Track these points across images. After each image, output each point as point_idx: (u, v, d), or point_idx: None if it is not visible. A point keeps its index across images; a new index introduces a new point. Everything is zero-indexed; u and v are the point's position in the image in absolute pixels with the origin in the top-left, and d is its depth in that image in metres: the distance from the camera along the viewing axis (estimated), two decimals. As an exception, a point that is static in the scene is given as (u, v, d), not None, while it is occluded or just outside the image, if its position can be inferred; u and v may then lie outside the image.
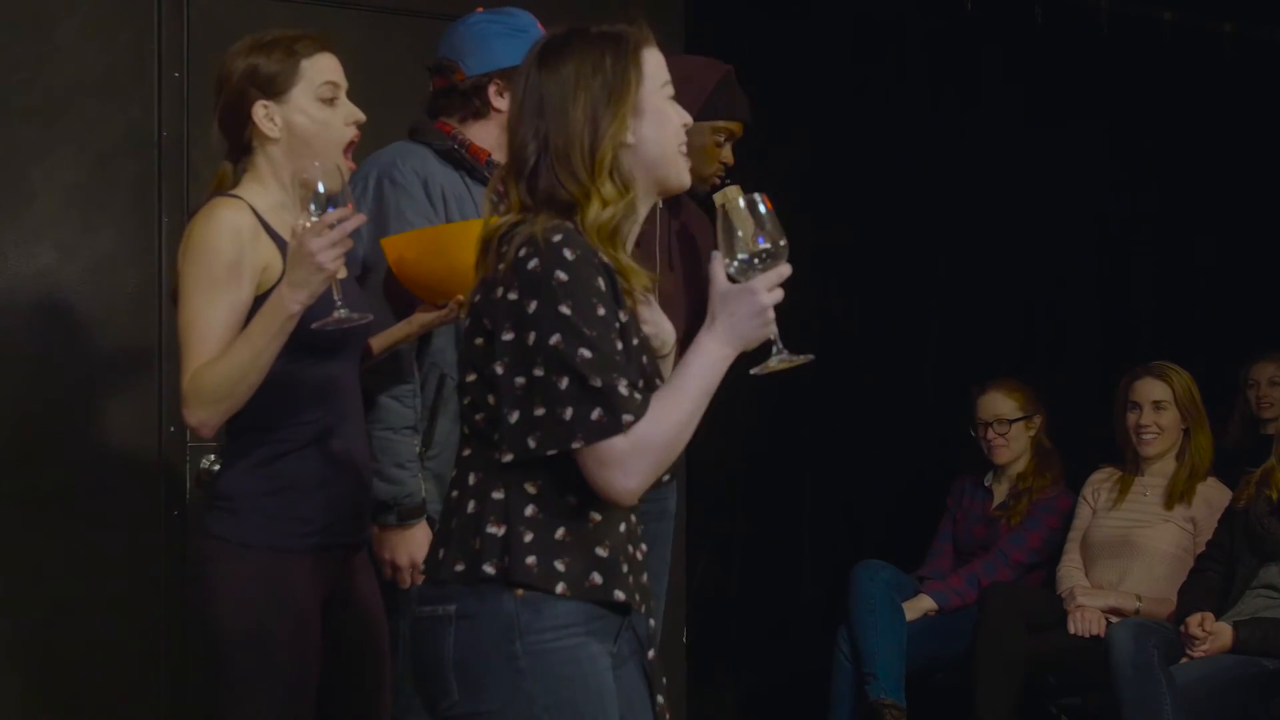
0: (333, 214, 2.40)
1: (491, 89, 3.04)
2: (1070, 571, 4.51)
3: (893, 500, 4.99)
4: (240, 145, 2.65)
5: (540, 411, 2.07)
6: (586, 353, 2.05)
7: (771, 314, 2.12)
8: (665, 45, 4.11)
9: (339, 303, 2.47)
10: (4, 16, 3.57)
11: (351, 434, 2.65)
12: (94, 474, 3.63)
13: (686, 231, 3.55)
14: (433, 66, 3.11)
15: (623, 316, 2.14)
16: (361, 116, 2.67)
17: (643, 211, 2.24)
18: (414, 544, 2.90)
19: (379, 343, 2.85)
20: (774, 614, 4.77)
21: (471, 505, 2.14)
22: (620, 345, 2.11)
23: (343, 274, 2.66)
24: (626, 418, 2.06)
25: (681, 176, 2.24)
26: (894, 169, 4.95)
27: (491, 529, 2.11)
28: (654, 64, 2.24)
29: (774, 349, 2.19)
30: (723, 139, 3.47)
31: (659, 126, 2.21)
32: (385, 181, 2.95)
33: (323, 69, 2.66)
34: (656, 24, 4.21)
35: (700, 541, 4.50)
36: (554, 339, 2.06)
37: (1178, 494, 4.47)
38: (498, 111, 3.05)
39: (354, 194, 2.92)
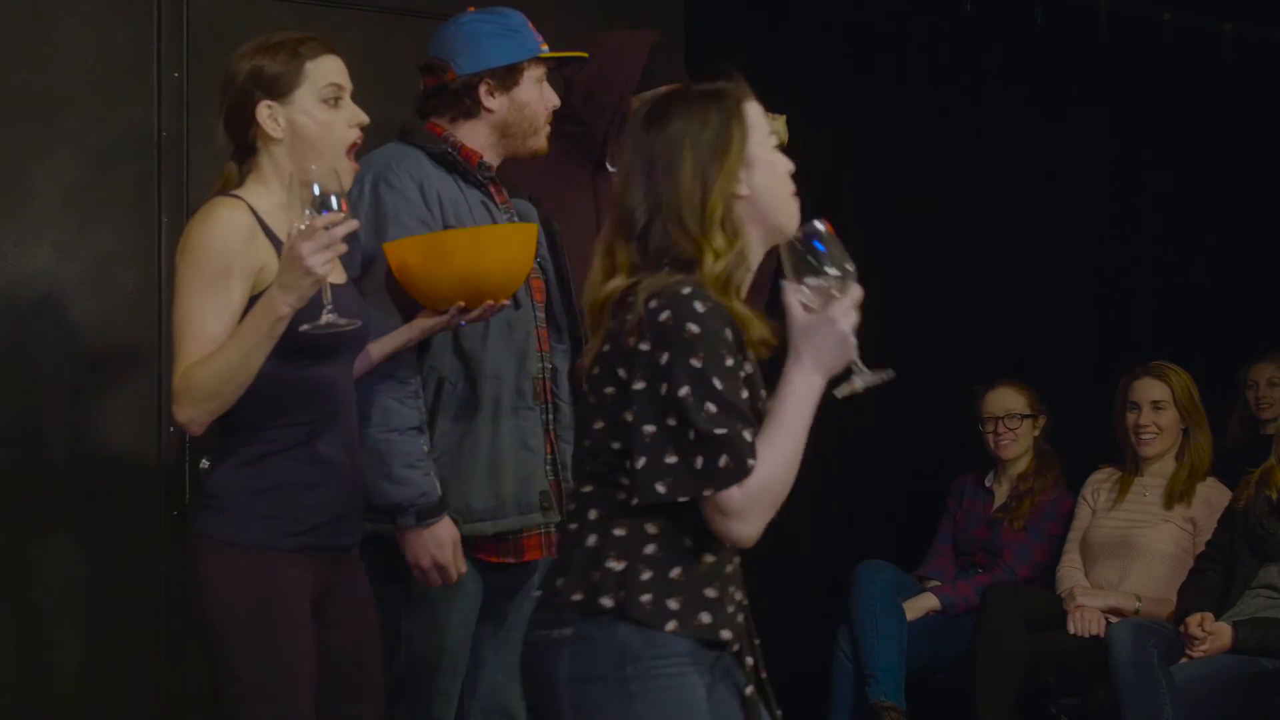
0: (324, 218, 2.40)
1: (482, 88, 3.03)
2: (1070, 571, 4.51)
3: (893, 500, 4.99)
4: (244, 145, 2.67)
5: (672, 460, 2.15)
6: (712, 406, 2.14)
7: (852, 339, 2.22)
8: (665, 45, 4.14)
9: (328, 307, 2.48)
10: (3, 16, 3.57)
11: (343, 436, 2.65)
12: (93, 474, 3.63)
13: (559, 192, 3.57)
14: (423, 66, 3.10)
15: (747, 367, 2.23)
16: (365, 119, 2.69)
17: (754, 259, 2.30)
18: (434, 543, 2.87)
19: (379, 348, 2.85)
20: (774, 614, 4.76)
21: (592, 539, 2.23)
22: (746, 394, 2.20)
23: (339, 278, 2.67)
24: (750, 463, 2.16)
25: (793, 219, 2.30)
26: (893, 169, 4.95)
27: (611, 564, 2.21)
28: (755, 115, 2.32)
29: (854, 369, 2.28)
30: None
31: (770, 175, 2.30)
32: (381, 185, 2.94)
33: (327, 71, 2.67)
34: (657, 24, 4.24)
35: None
36: (683, 390, 2.14)
37: (1177, 494, 4.47)
38: (488, 111, 3.04)
39: (350, 197, 2.92)
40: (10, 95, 3.57)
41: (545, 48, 3.09)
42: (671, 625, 2.19)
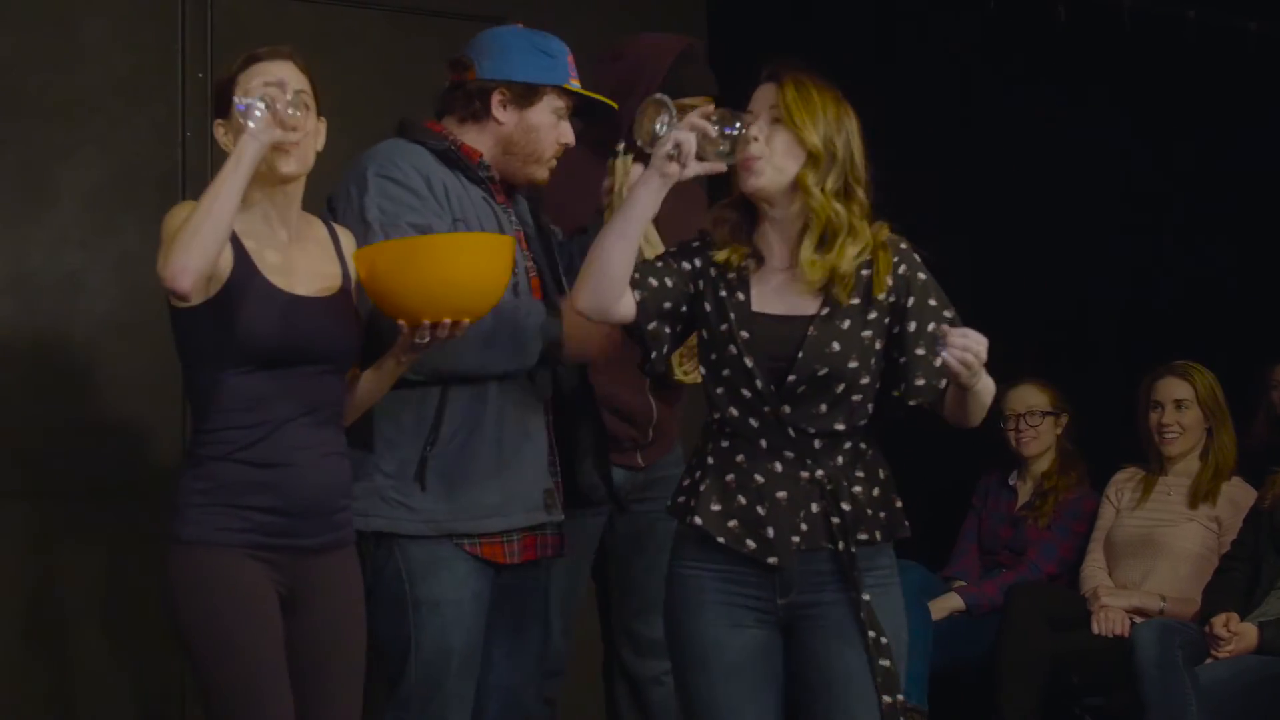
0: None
1: (496, 97, 2.99)
2: (1094, 571, 4.49)
3: (918, 499, 4.96)
4: None
5: None
6: None
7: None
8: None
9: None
10: (29, 17, 3.59)
11: (299, 440, 2.67)
12: (117, 473, 3.64)
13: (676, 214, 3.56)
14: (451, 61, 3.08)
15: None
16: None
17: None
18: (590, 333, 2.91)
19: (370, 390, 2.81)
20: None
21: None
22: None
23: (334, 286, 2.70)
24: None
25: None
26: (914, 166, 4.93)
27: None
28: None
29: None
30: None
31: None
32: (384, 180, 2.88)
33: (252, 79, 2.68)
34: (679, 22, 4.23)
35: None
36: None
37: (1202, 493, 4.46)
38: (497, 122, 2.99)
39: (358, 191, 2.88)
40: (35, 96, 3.59)
41: (576, 84, 3.04)
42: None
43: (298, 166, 2.70)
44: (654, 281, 2.70)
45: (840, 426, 2.69)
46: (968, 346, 2.59)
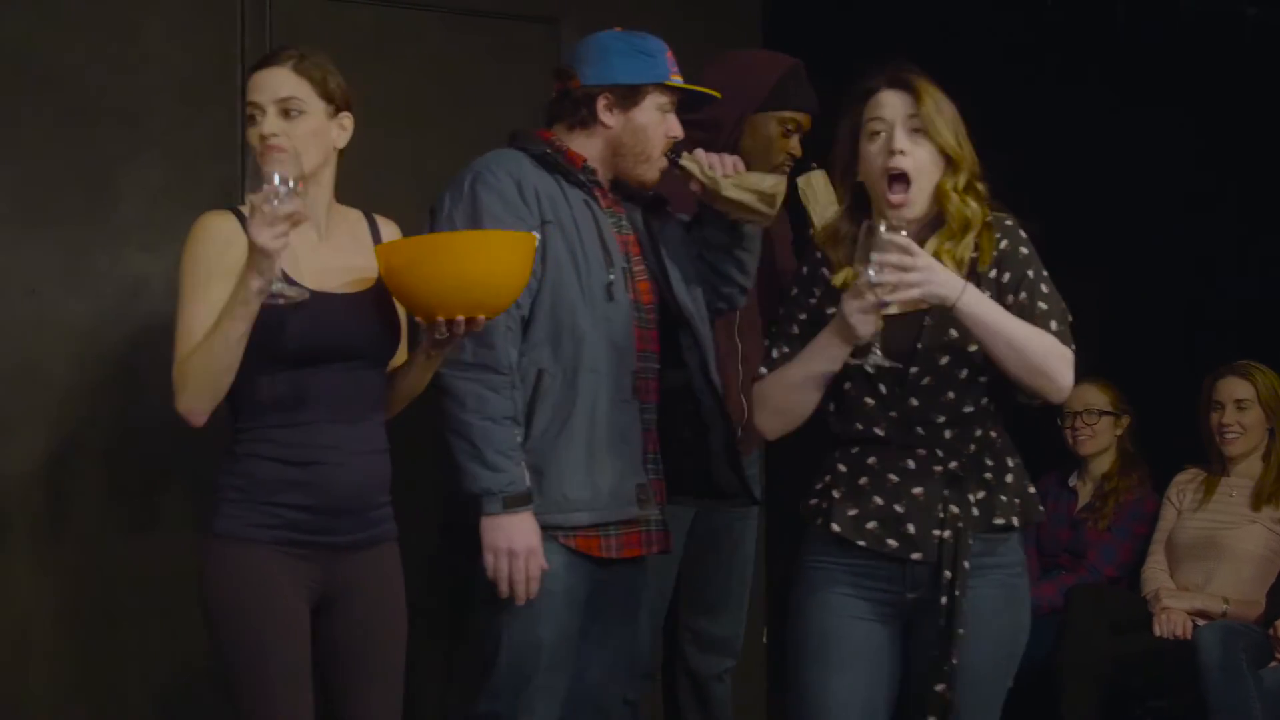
0: (260, 195, 2.48)
1: (601, 102, 3.04)
2: (1155, 573, 4.45)
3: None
4: None
5: None
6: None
7: (854, 323, 2.57)
8: (741, 41, 4.14)
9: (279, 279, 2.55)
10: (89, 21, 3.63)
11: (330, 440, 2.69)
12: (178, 472, 3.67)
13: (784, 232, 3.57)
14: (556, 71, 3.13)
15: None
16: (267, 130, 2.72)
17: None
18: (518, 531, 2.87)
19: (407, 384, 2.84)
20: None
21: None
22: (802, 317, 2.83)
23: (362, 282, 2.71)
24: (762, 370, 2.84)
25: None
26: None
27: None
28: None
29: (870, 350, 2.60)
30: (790, 129, 3.48)
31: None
32: (478, 184, 2.96)
33: (249, 91, 2.77)
34: (733, 19, 4.23)
35: (781, 537, 4.48)
36: None
37: (1265, 495, 4.41)
38: (604, 126, 3.04)
39: (452, 199, 2.97)
40: (96, 99, 3.63)
41: (677, 79, 3.07)
42: None
43: (304, 167, 2.70)
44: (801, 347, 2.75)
45: (969, 409, 2.71)
46: (885, 249, 2.56)
